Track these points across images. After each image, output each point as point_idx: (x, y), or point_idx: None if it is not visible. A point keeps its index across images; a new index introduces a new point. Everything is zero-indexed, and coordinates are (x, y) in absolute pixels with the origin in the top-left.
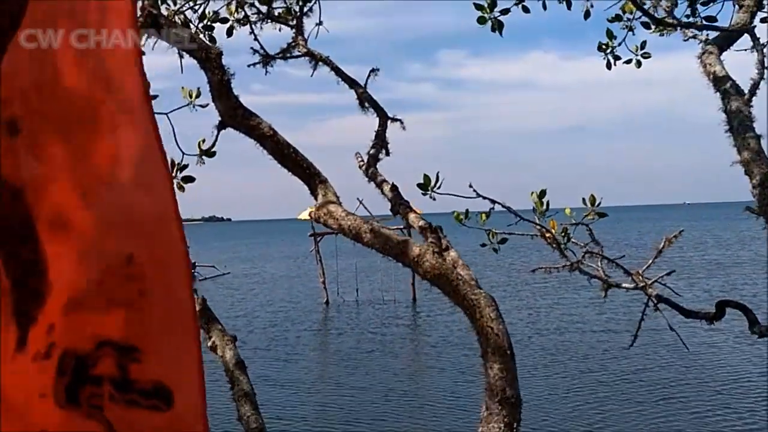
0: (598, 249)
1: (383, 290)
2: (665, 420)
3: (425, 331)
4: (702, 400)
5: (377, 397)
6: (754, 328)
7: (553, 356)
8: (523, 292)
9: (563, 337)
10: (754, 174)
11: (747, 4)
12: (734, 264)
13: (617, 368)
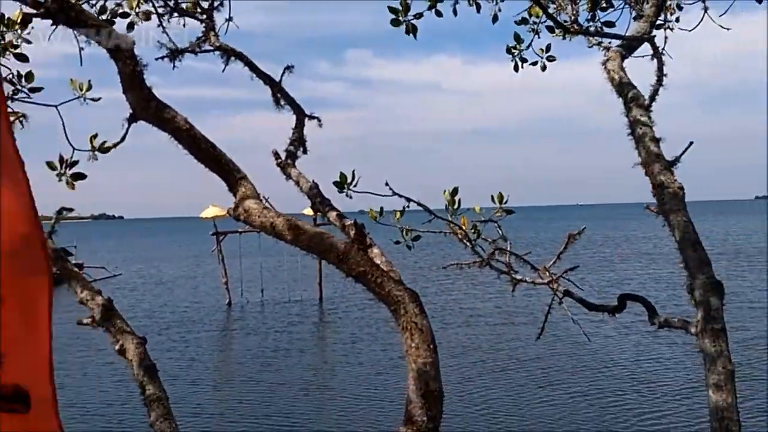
0: (506, 245)
1: (289, 290)
2: (569, 405)
3: (334, 328)
4: (601, 386)
5: (293, 392)
6: (654, 320)
7: (464, 347)
8: (436, 287)
9: (474, 330)
10: (654, 176)
11: (647, 14)
12: (622, 260)
13: (526, 359)
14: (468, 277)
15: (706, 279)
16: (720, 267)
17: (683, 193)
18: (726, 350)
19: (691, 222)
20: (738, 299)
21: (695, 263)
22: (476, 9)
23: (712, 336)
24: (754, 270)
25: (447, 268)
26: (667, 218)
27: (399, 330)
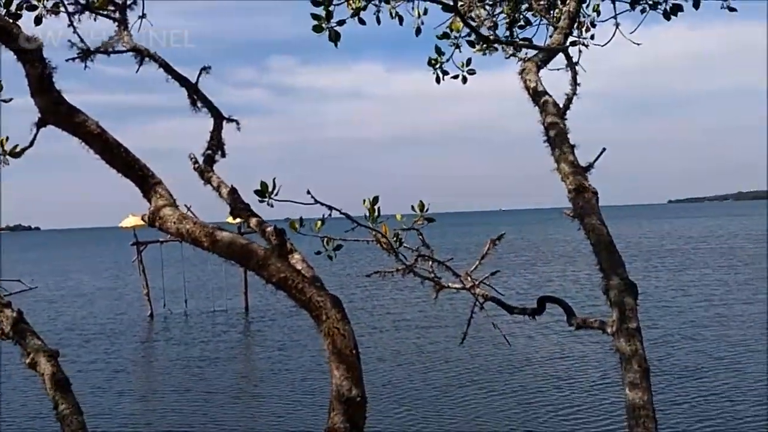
0: (428, 252)
1: (214, 300)
2: (490, 404)
3: (261, 337)
4: (522, 385)
5: (221, 400)
6: (571, 321)
7: (390, 352)
8: (363, 294)
9: (400, 334)
10: (569, 181)
11: (561, 26)
12: (543, 263)
13: (450, 361)
14: (394, 283)
15: (620, 280)
16: (635, 268)
17: (597, 197)
18: (641, 349)
19: (605, 225)
20: (652, 298)
21: (610, 265)
22: (399, 22)
23: (627, 335)
24: (667, 270)
25: (371, 276)
26: (583, 222)
27: (321, 336)
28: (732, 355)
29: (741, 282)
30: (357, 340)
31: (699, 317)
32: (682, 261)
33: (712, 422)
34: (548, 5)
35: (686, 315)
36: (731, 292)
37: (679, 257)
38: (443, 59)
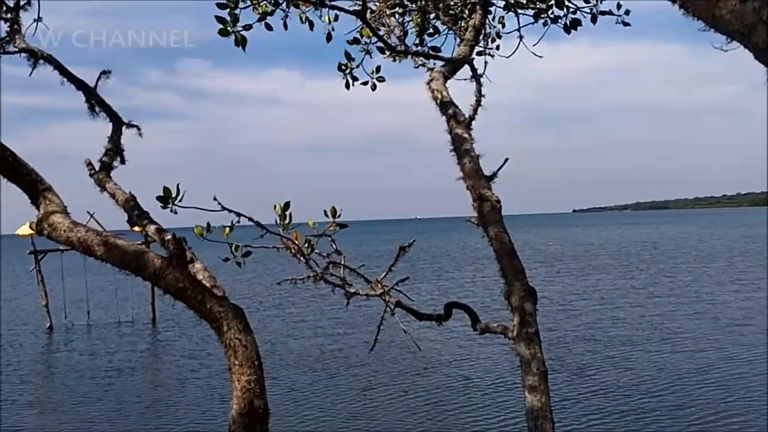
0: (340, 259)
1: (119, 311)
2: (400, 408)
3: (169, 348)
4: (430, 388)
5: (127, 412)
6: (476, 326)
7: (300, 360)
8: (274, 301)
9: (310, 342)
10: (474, 190)
11: (467, 38)
12: (455, 269)
13: (361, 366)
14: (308, 290)
15: (521, 286)
16: (540, 273)
17: (500, 205)
18: (539, 353)
19: (507, 233)
20: (554, 302)
21: (511, 272)
22: (309, 27)
23: (526, 340)
24: (569, 275)
25: (281, 284)
26: (486, 230)
27: (222, 347)
28: (623, 354)
29: (635, 286)
30: (268, 348)
31: (595, 319)
32: (582, 267)
33: (606, 417)
34: (455, 17)
35: (584, 317)
36: (625, 296)
37: (579, 263)
38: (353, 65)
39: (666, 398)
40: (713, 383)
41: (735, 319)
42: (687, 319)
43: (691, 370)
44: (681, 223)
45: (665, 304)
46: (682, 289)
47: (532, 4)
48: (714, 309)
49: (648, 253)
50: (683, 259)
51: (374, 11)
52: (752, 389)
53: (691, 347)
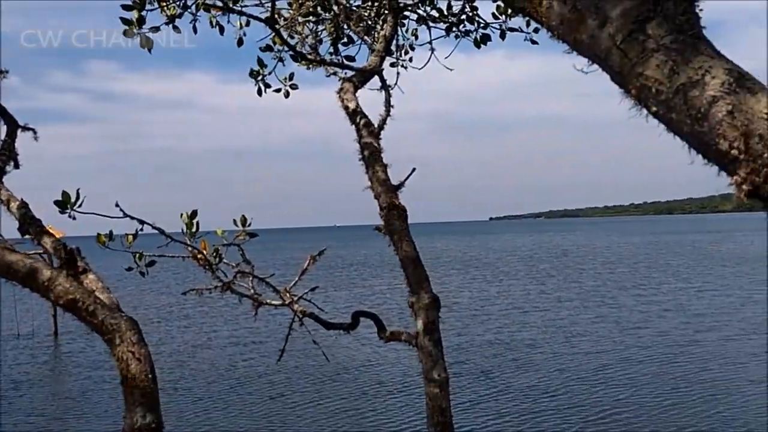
0: (249, 269)
1: (18, 323)
2: (313, 417)
3: (73, 360)
4: (344, 395)
5: (35, 424)
6: (382, 334)
7: (209, 373)
8: (177, 313)
9: (219, 353)
10: (381, 199)
11: (378, 48)
12: (373, 276)
13: (267, 378)
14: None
15: (425, 294)
16: (454, 280)
17: (406, 214)
18: (441, 359)
19: (413, 241)
20: (465, 307)
21: (416, 280)
22: (219, 32)
23: (429, 347)
24: (484, 281)
25: (187, 294)
26: (392, 238)
27: (114, 361)
28: (528, 356)
29: (544, 291)
30: (175, 360)
31: (503, 324)
32: (495, 273)
33: (506, 417)
34: (367, 27)
35: (493, 322)
36: (534, 301)
37: (493, 270)
38: (266, 72)
39: (564, 398)
40: (610, 383)
41: (634, 322)
42: (590, 323)
43: (590, 371)
44: (590, 230)
45: (571, 308)
46: (588, 293)
47: (444, 18)
48: (616, 312)
49: (558, 259)
50: (590, 265)
51: (287, 19)
52: (643, 388)
53: (591, 349)
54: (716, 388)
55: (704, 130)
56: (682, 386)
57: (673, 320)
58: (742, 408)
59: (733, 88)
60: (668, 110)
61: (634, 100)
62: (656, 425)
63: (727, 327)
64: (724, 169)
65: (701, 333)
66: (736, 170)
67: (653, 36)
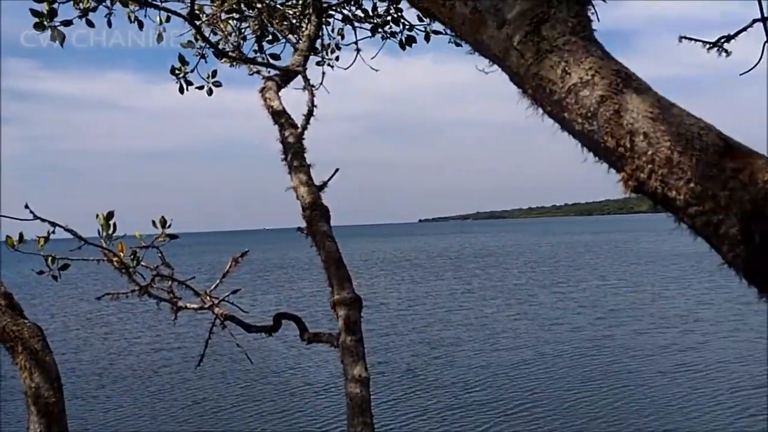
0: (168, 272)
1: None
2: (235, 420)
3: None
4: (266, 398)
5: None
6: (304, 336)
7: (127, 379)
8: (96, 320)
9: (138, 358)
10: (303, 199)
11: (301, 47)
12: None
13: (193, 383)
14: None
15: (346, 294)
16: (381, 281)
17: (329, 215)
18: (363, 358)
19: (335, 242)
20: (392, 308)
21: (338, 280)
22: (138, 27)
23: (351, 346)
24: (412, 282)
25: (102, 298)
26: (314, 239)
27: (17, 369)
28: (449, 353)
29: (469, 290)
30: (91, 367)
31: (428, 323)
32: (423, 274)
33: (426, 414)
34: (291, 26)
35: (418, 321)
36: (458, 299)
37: (421, 270)
38: (187, 69)
39: (484, 392)
40: (527, 377)
41: (552, 318)
42: (511, 320)
43: (509, 366)
44: (515, 231)
45: (493, 306)
46: (510, 292)
47: (370, 18)
48: (535, 309)
49: (483, 259)
50: (514, 264)
51: (209, 15)
52: (559, 380)
53: (511, 345)
54: (627, 380)
55: (594, 128)
56: (595, 378)
57: (589, 316)
58: (651, 397)
59: (620, 88)
60: (561, 110)
61: (530, 99)
62: (571, 415)
63: (638, 321)
64: (613, 166)
65: (614, 327)
66: (623, 167)
67: (547, 38)
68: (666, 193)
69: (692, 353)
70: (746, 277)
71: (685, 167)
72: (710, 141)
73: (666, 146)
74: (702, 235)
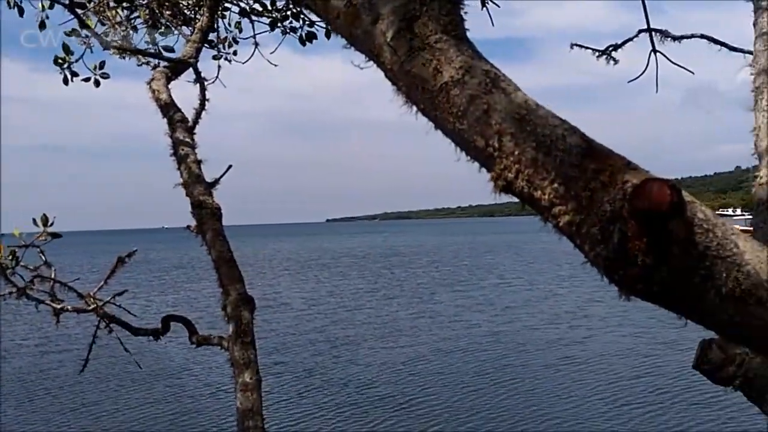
0: (50, 272)
1: None
2: (118, 424)
3: None
4: (155, 401)
5: None
6: (193, 338)
7: (9, 385)
8: None
9: (18, 364)
10: (193, 197)
11: (193, 39)
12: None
13: (76, 388)
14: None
15: (238, 295)
16: (285, 281)
17: (220, 213)
18: (254, 361)
19: (227, 241)
20: (294, 309)
21: (229, 280)
22: (18, 13)
23: (242, 348)
24: (317, 282)
25: None
26: (204, 237)
27: None
28: (349, 352)
29: (373, 289)
30: None
31: (330, 322)
32: (329, 274)
33: (324, 413)
34: (184, 17)
35: (319, 321)
36: (361, 299)
37: (326, 270)
38: (72, 59)
39: (379, 389)
40: (422, 372)
41: (450, 316)
42: (411, 318)
43: (405, 362)
44: (421, 231)
45: (395, 305)
46: (412, 290)
47: (269, 12)
48: (435, 307)
49: (388, 259)
50: (417, 264)
51: (96, 3)
52: (452, 375)
53: (408, 342)
54: (516, 373)
55: (464, 127)
56: (487, 372)
57: (486, 313)
58: (536, 389)
59: (489, 88)
60: (433, 108)
61: (404, 97)
62: (462, 407)
63: (531, 318)
64: (484, 166)
65: (508, 324)
66: (492, 167)
67: (420, 35)
68: (532, 193)
69: (578, 347)
70: (606, 276)
71: (549, 168)
72: (573, 142)
73: (532, 147)
74: (565, 235)
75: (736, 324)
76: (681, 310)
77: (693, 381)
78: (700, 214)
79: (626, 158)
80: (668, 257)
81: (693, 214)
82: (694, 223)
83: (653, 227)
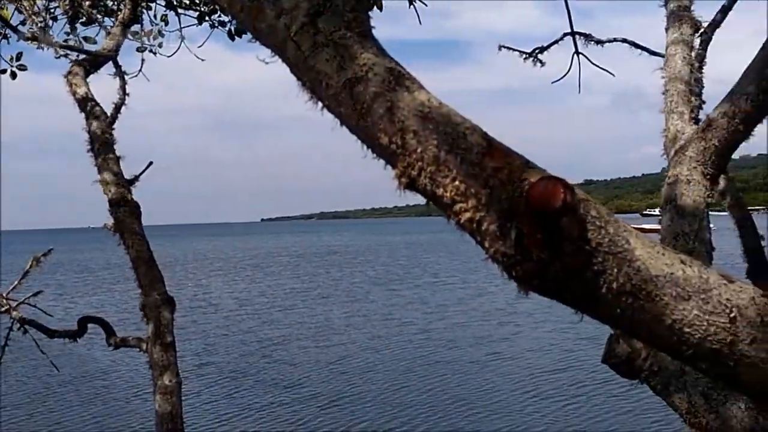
0: None
1: None
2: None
3: None
4: (72, 404)
5: None
6: (110, 340)
7: None
8: None
9: None
10: (111, 193)
11: (114, 32)
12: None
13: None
14: None
15: (157, 295)
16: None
17: (139, 211)
18: (174, 362)
19: (146, 240)
20: (225, 309)
21: (148, 280)
22: None
23: (161, 350)
24: (250, 282)
25: None
26: (122, 236)
27: None
28: (277, 353)
29: (306, 289)
30: None
31: (261, 322)
32: (262, 274)
33: (248, 414)
34: (107, 9)
35: (250, 321)
36: (294, 298)
37: (260, 270)
38: None
39: (306, 388)
40: (352, 371)
41: (383, 314)
42: (343, 317)
43: (334, 361)
44: (358, 231)
45: (328, 304)
46: (346, 290)
47: (196, 6)
48: (368, 306)
49: (323, 258)
50: (352, 263)
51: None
52: (381, 372)
53: (339, 341)
54: (445, 369)
55: (368, 125)
56: (416, 369)
57: (418, 311)
58: (463, 384)
59: (392, 85)
60: (337, 104)
61: (309, 93)
62: (391, 403)
63: (462, 315)
64: (389, 163)
65: (440, 321)
66: (396, 164)
67: (323, 30)
68: (435, 191)
69: (505, 343)
70: (505, 271)
71: (450, 165)
72: (474, 141)
73: (434, 144)
74: (467, 231)
75: (627, 318)
76: (575, 305)
77: (611, 374)
78: (593, 211)
79: (525, 157)
80: (561, 253)
81: (586, 212)
82: (587, 220)
83: (547, 224)
